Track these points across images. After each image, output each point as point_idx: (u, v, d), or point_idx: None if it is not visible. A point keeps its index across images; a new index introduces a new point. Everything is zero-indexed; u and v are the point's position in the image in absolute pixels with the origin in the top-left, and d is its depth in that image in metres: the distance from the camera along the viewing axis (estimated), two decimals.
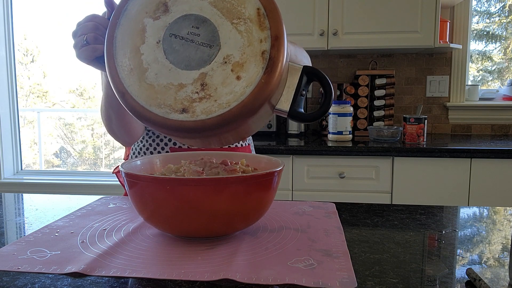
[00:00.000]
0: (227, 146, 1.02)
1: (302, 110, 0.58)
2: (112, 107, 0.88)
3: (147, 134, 1.04)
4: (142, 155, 1.04)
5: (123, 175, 0.62)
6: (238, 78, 0.51)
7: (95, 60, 0.67)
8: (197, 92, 0.51)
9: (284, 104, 0.57)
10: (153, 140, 1.02)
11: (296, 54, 0.86)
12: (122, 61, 0.54)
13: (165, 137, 1.00)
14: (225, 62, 0.51)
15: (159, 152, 1.01)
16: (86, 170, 3.86)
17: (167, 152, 1.00)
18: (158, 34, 0.53)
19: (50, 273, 0.53)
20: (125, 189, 1.10)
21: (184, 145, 0.98)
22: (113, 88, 0.54)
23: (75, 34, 0.68)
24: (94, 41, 0.65)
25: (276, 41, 0.51)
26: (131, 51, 0.54)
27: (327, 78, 0.58)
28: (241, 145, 1.05)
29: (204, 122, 0.51)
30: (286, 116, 0.57)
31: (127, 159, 1.16)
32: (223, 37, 0.51)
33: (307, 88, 0.58)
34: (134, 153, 1.07)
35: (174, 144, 0.99)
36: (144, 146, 1.03)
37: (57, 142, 4.15)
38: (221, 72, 0.51)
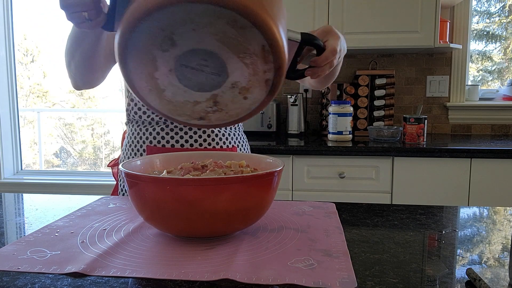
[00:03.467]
0: (219, 147, 1.05)
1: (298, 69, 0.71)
2: (82, 51, 0.91)
3: (130, 130, 1.12)
4: (127, 152, 1.11)
5: (123, 175, 0.62)
6: (245, 98, 0.60)
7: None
8: (210, 107, 0.61)
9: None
10: (135, 138, 1.09)
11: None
12: (140, 84, 0.59)
13: (144, 134, 1.08)
14: (233, 87, 0.58)
15: (138, 150, 1.08)
16: (86, 170, 3.86)
17: (144, 150, 1.07)
18: (169, 64, 0.56)
19: (50, 273, 0.53)
20: (117, 182, 1.14)
21: (159, 143, 1.06)
22: (140, 100, 0.62)
23: (68, 6, 0.62)
24: (96, 16, 0.62)
25: (278, 71, 0.56)
26: (146, 76, 0.58)
27: (321, 46, 0.71)
28: (227, 146, 1.09)
29: (218, 125, 0.65)
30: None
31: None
32: (231, 68, 0.56)
33: (302, 52, 0.69)
34: (124, 153, 1.14)
35: (150, 142, 1.06)
36: (128, 143, 1.12)
37: (57, 142, 4.15)
38: (230, 93, 0.59)
